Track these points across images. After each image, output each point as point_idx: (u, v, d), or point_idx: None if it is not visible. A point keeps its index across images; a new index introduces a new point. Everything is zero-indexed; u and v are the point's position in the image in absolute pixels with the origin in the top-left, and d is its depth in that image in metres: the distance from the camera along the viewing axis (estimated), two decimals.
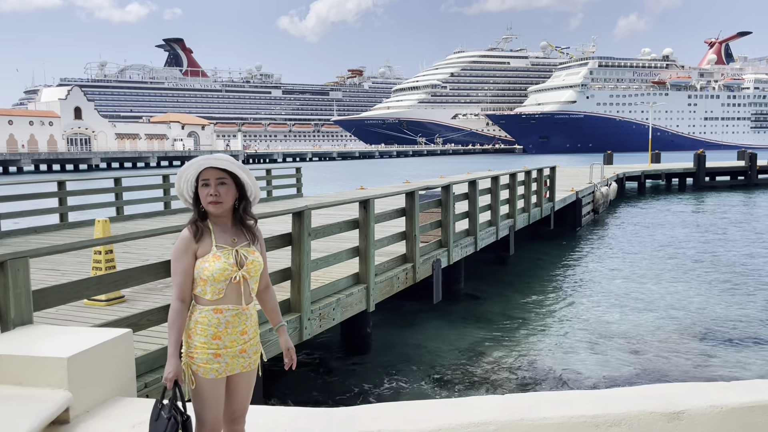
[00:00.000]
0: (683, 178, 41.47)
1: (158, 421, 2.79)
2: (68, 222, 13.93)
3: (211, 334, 2.83)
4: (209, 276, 2.82)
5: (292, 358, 3.12)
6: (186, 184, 2.93)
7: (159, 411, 2.80)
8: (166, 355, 2.83)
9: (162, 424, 2.76)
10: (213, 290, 2.84)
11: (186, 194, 2.95)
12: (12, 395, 3.23)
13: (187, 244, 2.85)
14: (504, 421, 3.32)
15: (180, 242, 2.87)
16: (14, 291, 3.82)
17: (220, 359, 2.85)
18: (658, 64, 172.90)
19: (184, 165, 2.94)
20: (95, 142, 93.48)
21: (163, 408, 2.79)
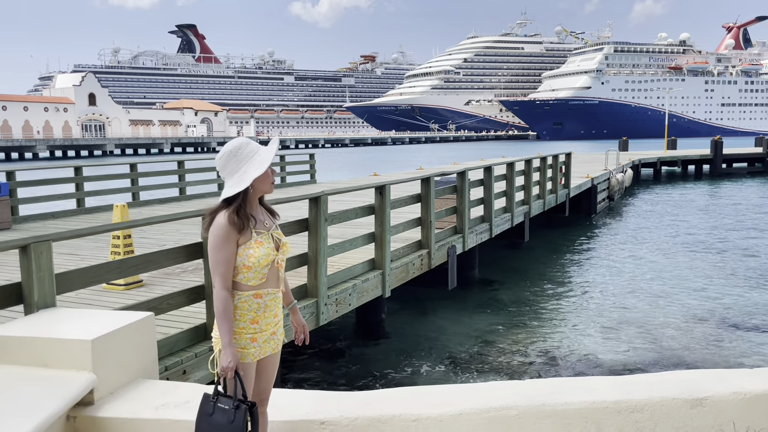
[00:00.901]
0: (699, 164, 41.04)
1: (217, 413, 2.77)
2: (85, 207, 14.06)
3: (250, 319, 2.86)
4: (255, 262, 2.83)
5: (305, 333, 3.18)
6: (258, 172, 2.83)
7: (214, 403, 2.79)
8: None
9: (226, 414, 2.75)
10: (256, 276, 2.86)
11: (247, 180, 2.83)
12: (38, 377, 3.27)
13: (229, 232, 2.79)
14: (525, 406, 3.32)
15: (221, 230, 2.79)
16: (38, 274, 3.86)
17: (256, 343, 2.89)
18: (675, 50, 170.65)
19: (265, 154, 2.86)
20: (109, 128, 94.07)
21: (219, 399, 2.79)
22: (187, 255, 5.20)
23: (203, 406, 2.84)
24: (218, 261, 2.79)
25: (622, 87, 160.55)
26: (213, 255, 2.81)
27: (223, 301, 2.78)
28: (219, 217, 2.83)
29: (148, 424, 3.26)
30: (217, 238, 2.79)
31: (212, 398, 2.82)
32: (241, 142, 2.89)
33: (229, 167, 2.84)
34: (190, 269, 8.03)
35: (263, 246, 2.87)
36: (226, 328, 2.78)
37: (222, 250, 2.78)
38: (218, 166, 2.86)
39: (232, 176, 2.84)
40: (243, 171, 2.84)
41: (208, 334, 5.34)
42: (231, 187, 2.82)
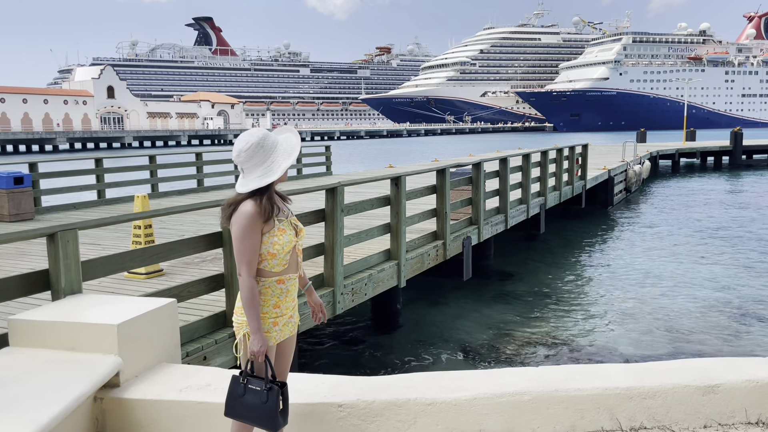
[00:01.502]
0: (719, 156, 40.55)
1: (248, 395, 2.87)
2: (105, 198, 14.27)
3: (272, 304, 2.96)
4: (279, 250, 2.92)
5: (323, 312, 3.28)
6: (288, 162, 2.92)
7: (244, 385, 2.89)
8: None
9: (258, 395, 2.86)
10: (280, 263, 2.95)
11: (279, 171, 2.91)
12: (66, 359, 3.39)
13: (255, 221, 2.85)
14: (538, 391, 3.39)
15: (247, 220, 2.84)
16: (64, 261, 3.98)
17: (277, 327, 3.00)
18: (695, 40, 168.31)
19: (287, 143, 2.95)
20: (127, 121, 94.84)
21: (250, 382, 2.89)
22: (206, 244, 5.31)
23: (233, 388, 2.93)
24: (245, 249, 2.85)
25: (641, 78, 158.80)
26: (240, 244, 2.86)
27: (250, 288, 2.86)
28: (244, 206, 2.87)
29: (171, 406, 3.38)
30: (244, 227, 2.84)
31: (242, 380, 2.91)
32: (263, 134, 2.95)
33: (256, 158, 2.89)
34: (208, 259, 8.16)
35: (285, 233, 2.96)
36: (255, 315, 2.87)
37: (249, 239, 2.85)
38: (243, 157, 2.88)
39: (259, 167, 2.90)
40: (271, 161, 2.91)
41: (228, 322, 5.46)
42: (261, 177, 2.87)
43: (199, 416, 3.35)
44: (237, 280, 5.34)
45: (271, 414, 2.86)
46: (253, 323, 2.87)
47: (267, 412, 2.86)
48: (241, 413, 2.92)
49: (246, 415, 2.91)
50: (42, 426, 2.65)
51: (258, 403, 2.86)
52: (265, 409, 2.86)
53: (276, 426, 2.89)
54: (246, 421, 2.93)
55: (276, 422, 2.88)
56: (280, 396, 2.89)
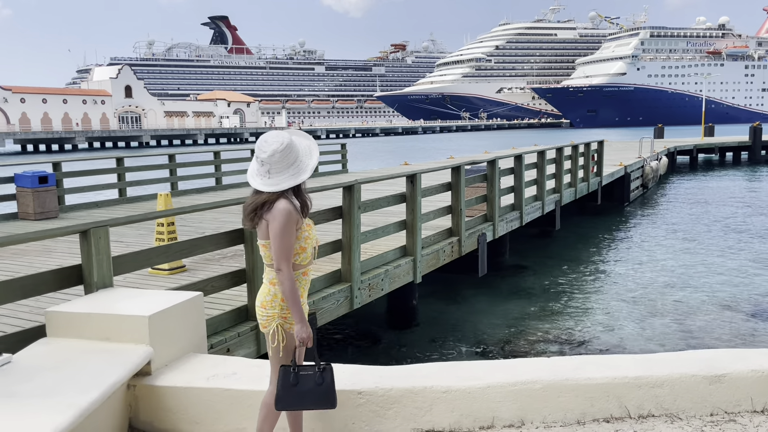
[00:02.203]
0: (738, 152, 40.19)
1: (302, 382, 3.05)
2: (126, 197, 14.56)
3: (299, 294, 3.13)
4: (310, 243, 3.13)
5: None
6: (315, 162, 3.12)
7: (297, 373, 3.07)
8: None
9: (312, 379, 3.06)
10: (307, 256, 3.15)
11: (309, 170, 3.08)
12: (101, 349, 3.59)
13: (293, 218, 3.01)
14: (550, 380, 3.53)
15: (288, 217, 2.99)
16: (97, 257, 4.18)
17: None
18: (714, 34, 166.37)
19: (302, 145, 3.14)
20: (145, 120, 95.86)
21: (301, 368, 3.08)
22: (229, 241, 5.50)
23: (285, 379, 3.06)
24: (286, 246, 3.00)
25: (659, 73, 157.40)
26: (281, 240, 2.99)
27: (292, 281, 3.03)
28: (281, 204, 3.01)
29: (200, 393, 3.56)
30: (285, 224, 2.99)
31: (293, 369, 3.08)
32: (290, 135, 3.12)
33: (289, 158, 3.05)
34: (229, 255, 8.37)
35: (312, 228, 3.16)
36: (299, 306, 3.05)
37: (289, 235, 3.00)
38: (277, 157, 3.01)
39: (291, 166, 3.05)
40: (300, 161, 3.08)
41: (250, 315, 5.65)
42: (294, 176, 3.04)
43: (226, 402, 3.54)
44: (258, 276, 5.54)
45: (329, 392, 3.08)
46: (298, 314, 3.05)
47: (325, 391, 3.07)
48: (297, 402, 3.08)
49: (302, 402, 3.08)
50: (82, 410, 2.84)
51: (313, 386, 3.05)
52: (322, 390, 3.06)
53: (335, 403, 3.11)
54: (303, 407, 3.11)
55: (334, 399, 3.10)
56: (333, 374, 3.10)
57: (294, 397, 3.07)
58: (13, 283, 3.89)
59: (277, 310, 3.11)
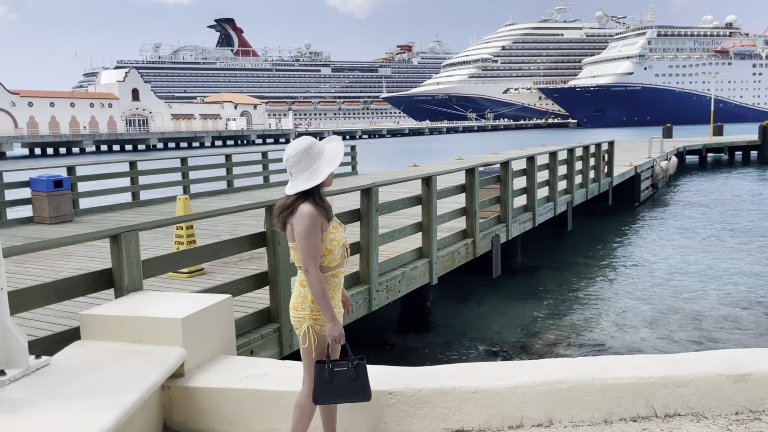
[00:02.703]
0: (747, 151, 40.01)
1: (337, 378, 3.14)
2: (140, 200, 14.68)
3: (328, 293, 3.20)
4: (336, 245, 3.20)
5: (350, 302, 3.55)
6: (331, 168, 3.18)
7: (331, 369, 3.15)
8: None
9: (346, 374, 3.15)
10: (335, 258, 3.23)
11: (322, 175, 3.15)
12: (135, 351, 3.66)
13: (317, 220, 3.10)
14: (577, 380, 3.58)
15: (311, 220, 3.08)
16: (127, 261, 4.27)
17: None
18: (721, 32, 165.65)
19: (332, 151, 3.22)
20: (152, 123, 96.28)
21: (335, 364, 3.17)
22: (252, 244, 5.58)
23: (320, 375, 3.16)
24: (311, 247, 3.09)
25: (666, 72, 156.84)
26: (306, 242, 3.08)
27: (320, 281, 3.12)
28: (304, 207, 3.11)
29: (233, 393, 3.64)
30: (309, 226, 3.08)
31: (327, 366, 3.16)
32: (311, 142, 3.21)
33: (303, 163, 3.16)
34: (246, 258, 8.45)
35: (338, 231, 3.23)
36: (329, 305, 3.13)
37: (314, 237, 3.10)
38: (291, 162, 3.15)
39: (305, 171, 3.16)
40: (316, 167, 3.17)
41: (273, 317, 5.73)
42: (306, 181, 3.14)
43: (259, 403, 3.61)
44: (280, 278, 5.62)
45: (363, 386, 3.18)
46: (329, 312, 3.13)
47: (359, 385, 3.17)
48: (333, 396, 3.19)
49: (338, 397, 3.19)
50: (126, 409, 2.92)
51: (348, 381, 3.15)
52: (357, 384, 3.16)
53: (370, 395, 3.21)
54: (339, 401, 3.22)
55: (369, 392, 3.20)
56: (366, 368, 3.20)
57: (330, 392, 3.17)
58: (48, 287, 3.98)
59: (308, 312, 3.19)
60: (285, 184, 13.42)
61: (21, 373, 3.24)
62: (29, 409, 2.88)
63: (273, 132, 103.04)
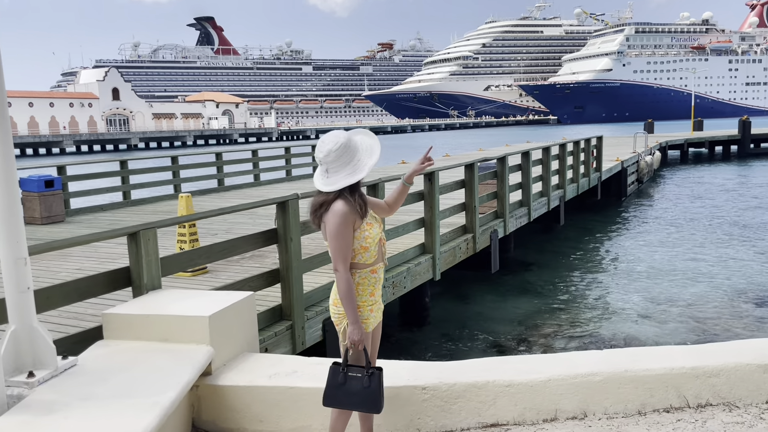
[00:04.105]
0: (727, 145, 40.58)
1: (349, 382, 3.06)
2: (131, 199, 14.48)
3: (369, 293, 3.16)
4: (371, 242, 3.12)
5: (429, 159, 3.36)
6: (372, 161, 3.12)
7: (345, 373, 3.08)
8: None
9: (360, 381, 3.06)
10: (371, 254, 3.15)
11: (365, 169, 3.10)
12: (163, 350, 3.59)
13: (348, 219, 3.03)
14: (609, 372, 3.58)
15: (342, 218, 3.01)
16: (146, 258, 4.19)
17: (373, 314, 3.21)
18: (698, 29, 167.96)
19: (364, 144, 3.14)
20: (133, 122, 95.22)
21: (350, 369, 3.09)
22: (264, 241, 5.52)
23: (333, 377, 3.10)
24: (341, 246, 3.02)
25: (644, 68, 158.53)
26: (337, 241, 3.01)
27: (348, 282, 3.05)
28: (336, 205, 3.03)
29: (263, 391, 3.58)
30: (340, 224, 3.01)
31: (342, 369, 3.10)
32: (348, 134, 3.14)
33: (344, 158, 3.06)
34: (247, 256, 8.36)
35: (373, 227, 3.16)
36: (353, 307, 3.06)
37: (344, 236, 3.02)
38: (332, 157, 3.03)
39: (347, 166, 3.06)
40: (357, 160, 3.09)
41: (285, 315, 5.67)
42: (349, 176, 3.05)
43: (290, 400, 3.56)
44: (292, 275, 5.57)
45: (375, 397, 3.07)
46: (352, 315, 3.05)
47: (371, 395, 3.06)
48: (343, 401, 3.10)
49: (348, 402, 3.10)
50: (165, 409, 2.86)
51: (360, 389, 3.06)
52: (368, 393, 3.06)
53: (380, 408, 3.10)
54: (348, 407, 3.12)
55: (380, 404, 3.10)
56: (381, 379, 3.09)
57: (341, 396, 3.10)
58: (69, 286, 3.90)
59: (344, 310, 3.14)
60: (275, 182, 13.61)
61: (49, 374, 3.16)
62: (65, 411, 2.81)
63: (255, 131, 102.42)
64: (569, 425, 3.46)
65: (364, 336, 3.07)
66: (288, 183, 18.60)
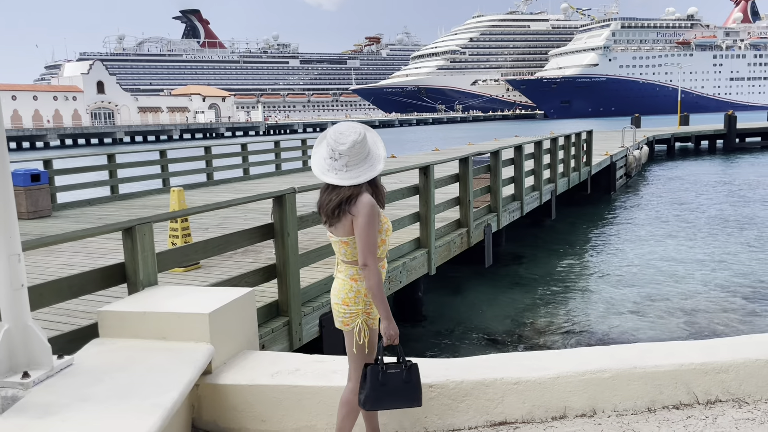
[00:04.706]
0: (713, 140, 40.92)
1: (390, 381, 2.96)
2: (119, 194, 14.28)
3: (384, 290, 3.06)
4: (388, 235, 3.07)
5: None
6: (385, 153, 3.06)
7: (384, 372, 2.97)
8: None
9: (399, 377, 2.97)
10: (385, 249, 3.09)
11: (383, 162, 3.04)
12: (161, 348, 3.48)
13: (377, 212, 2.94)
14: (618, 369, 3.52)
15: (372, 210, 2.90)
16: (142, 254, 4.07)
17: None
18: (683, 24, 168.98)
19: (372, 137, 3.06)
20: (118, 116, 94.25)
21: (387, 366, 2.99)
22: (261, 235, 5.41)
23: (375, 379, 2.96)
24: (372, 240, 2.90)
25: (630, 63, 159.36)
26: (368, 234, 2.88)
27: (379, 277, 2.94)
28: (365, 198, 2.91)
29: (265, 390, 3.49)
30: (372, 217, 2.89)
31: (380, 368, 2.98)
32: (363, 126, 3.04)
33: (366, 149, 2.96)
34: (240, 251, 8.24)
35: (388, 220, 3.08)
36: (385, 302, 2.96)
37: (375, 229, 2.92)
38: (356, 149, 2.91)
39: (367, 159, 2.96)
40: (375, 152, 3.00)
41: (282, 311, 5.57)
42: (371, 167, 2.96)
43: (294, 399, 3.47)
44: (289, 270, 5.47)
45: (416, 390, 3.01)
46: (385, 311, 2.95)
47: (412, 388, 3.00)
48: (387, 401, 2.99)
49: (392, 401, 3.00)
50: (167, 410, 2.75)
51: (400, 385, 2.97)
52: (409, 387, 2.99)
53: (421, 401, 3.05)
54: (393, 406, 3.03)
55: (421, 397, 3.05)
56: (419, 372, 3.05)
57: (384, 396, 2.98)
58: (62, 283, 3.77)
59: (362, 306, 3.03)
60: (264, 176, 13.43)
61: (45, 374, 3.04)
62: (63, 413, 2.70)
63: (242, 125, 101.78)
64: (579, 423, 3.40)
65: (397, 331, 2.98)
66: (277, 177, 18.45)
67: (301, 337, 5.69)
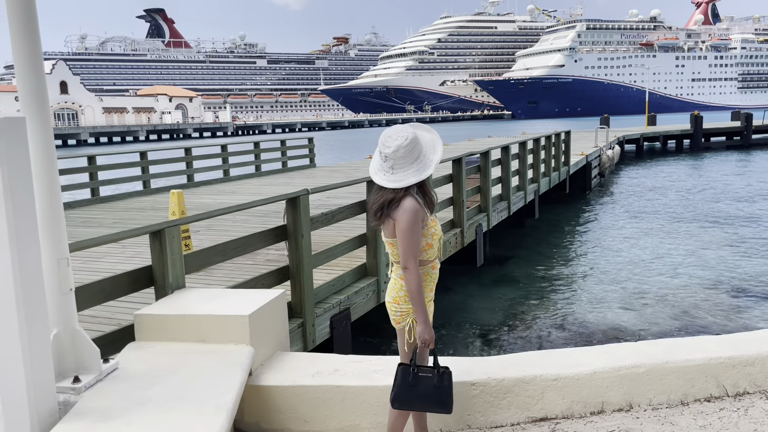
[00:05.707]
0: (680, 140, 41.90)
1: (420, 383, 2.99)
2: (100, 197, 14.02)
3: (430, 288, 3.11)
4: (436, 239, 3.09)
5: None
6: (439, 157, 3.07)
7: (416, 373, 3.01)
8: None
9: (430, 381, 3.00)
10: (435, 251, 3.11)
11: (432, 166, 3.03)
12: (204, 350, 3.46)
13: (419, 216, 2.97)
14: (651, 364, 3.62)
15: (415, 215, 2.93)
16: (171, 257, 4.04)
17: (431, 309, 3.17)
18: (646, 26, 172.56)
19: (425, 139, 3.06)
20: (82, 117, 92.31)
21: (420, 369, 3.02)
22: (274, 237, 5.41)
23: (404, 378, 3.01)
24: (413, 244, 2.94)
25: (595, 64, 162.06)
26: (408, 239, 2.92)
27: (419, 280, 2.97)
28: (408, 202, 2.94)
29: (308, 391, 3.50)
30: (413, 222, 2.93)
31: (412, 369, 3.02)
32: (414, 130, 3.05)
33: (414, 153, 2.98)
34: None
35: (437, 223, 3.13)
36: (423, 306, 2.99)
37: (416, 233, 2.95)
38: (402, 153, 2.94)
39: (415, 162, 2.98)
40: (423, 156, 3.01)
41: (296, 312, 5.57)
42: (418, 172, 2.97)
43: (337, 399, 3.49)
44: (302, 272, 5.48)
45: (446, 396, 3.02)
46: (422, 314, 2.98)
47: (442, 394, 3.01)
48: (413, 402, 3.03)
49: (419, 403, 3.03)
50: (230, 411, 2.76)
51: (431, 389, 3.00)
52: (440, 393, 3.01)
53: (451, 408, 3.06)
54: (419, 408, 3.05)
55: (451, 404, 3.06)
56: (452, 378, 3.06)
57: (412, 397, 3.03)
58: (94, 287, 3.73)
59: (406, 307, 3.09)
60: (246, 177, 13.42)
61: (95, 378, 3.01)
62: (125, 417, 2.68)
63: (210, 125, 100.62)
64: (617, 417, 3.49)
65: (433, 335, 3.02)
66: (257, 178, 18.35)
67: (314, 338, 5.70)
